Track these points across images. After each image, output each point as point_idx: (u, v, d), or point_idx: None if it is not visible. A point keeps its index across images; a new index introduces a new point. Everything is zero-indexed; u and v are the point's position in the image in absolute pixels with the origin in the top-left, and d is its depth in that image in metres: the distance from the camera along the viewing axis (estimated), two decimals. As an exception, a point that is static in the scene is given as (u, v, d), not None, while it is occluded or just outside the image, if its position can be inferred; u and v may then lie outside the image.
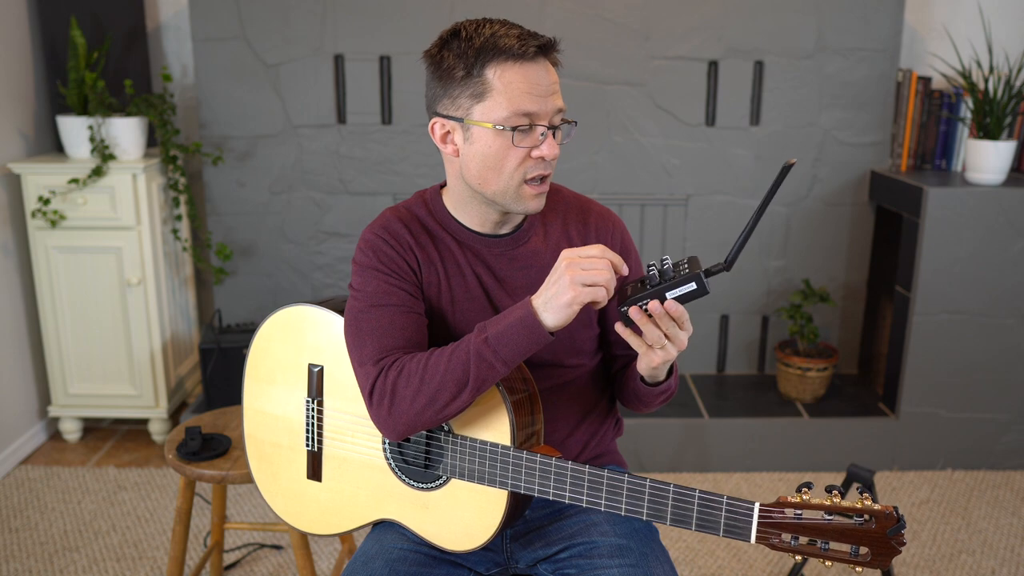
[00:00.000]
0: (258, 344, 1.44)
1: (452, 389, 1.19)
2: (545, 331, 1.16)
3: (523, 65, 1.22)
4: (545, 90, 1.23)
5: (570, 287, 1.13)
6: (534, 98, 1.22)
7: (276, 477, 1.46)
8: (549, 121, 1.24)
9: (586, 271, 1.14)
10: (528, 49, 1.21)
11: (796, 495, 1.11)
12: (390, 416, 1.23)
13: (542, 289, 1.18)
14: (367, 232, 1.34)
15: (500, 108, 1.22)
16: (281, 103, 2.95)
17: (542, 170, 1.26)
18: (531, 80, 1.22)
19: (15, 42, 2.90)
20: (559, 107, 1.25)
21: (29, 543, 2.43)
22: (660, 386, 1.33)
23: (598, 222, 1.41)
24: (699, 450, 2.86)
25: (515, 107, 1.21)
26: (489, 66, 1.22)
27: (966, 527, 2.56)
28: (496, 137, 1.23)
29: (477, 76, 1.22)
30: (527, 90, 1.21)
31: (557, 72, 1.28)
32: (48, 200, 2.77)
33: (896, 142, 2.99)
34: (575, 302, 1.14)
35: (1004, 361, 2.80)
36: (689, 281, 1.13)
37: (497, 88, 1.22)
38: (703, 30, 2.89)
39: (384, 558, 1.32)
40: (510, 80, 1.21)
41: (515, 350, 1.17)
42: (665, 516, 1.17)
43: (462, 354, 1.19)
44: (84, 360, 2.94)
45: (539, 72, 1.23)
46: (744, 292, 3.12)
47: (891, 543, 1.07)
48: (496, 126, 1.22)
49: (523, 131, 1.23)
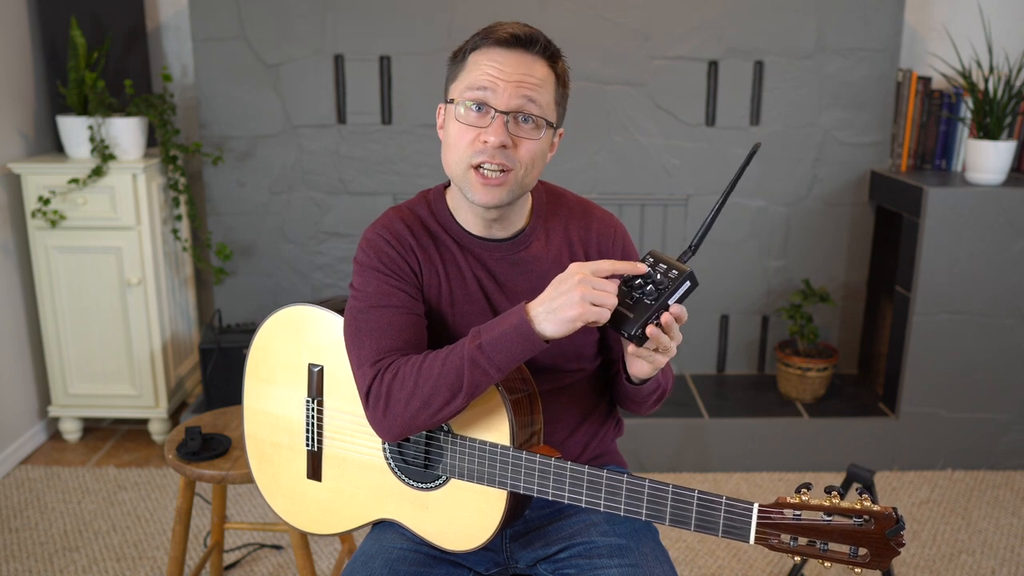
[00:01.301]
0: (258, 344, 1.44)
1: (446, 394, 1.19)
2: (540, 339, 1.16)
3: (497, 49, 1.23)
4: (509, 74, 1.22)
5: (579, 304, 1.12)
6: (492, 77, 1.22)
7: (276, 477, 1.46)
8: (507, 107, 1.22)
9: (597, 291, 1.13)
10: (505, 35, 1.23)
11: (795, 496, 1.11)
12: (385, 418, 1.23)
13: (544, 297, 1.16)
14: (369, 232, 1.33)
15: (461, 84, 1.25)
16: (281, 103, 2.95)
17: (487, 156, 1.23)
18: (497, 60, 1.23)
19: (15, 42, 2.90)
20: (526, 98, 1.23)
21: (29, 543, 2.43)
22: (647, 385, 1.33)
23: (600, 227, 1.40)
24: (699, 450, 2.86)
25: (471, 80, 1.23)
26: (475, 50, 1.25)
27: (966, 527, 2.56)
28: (451, 112, 1.26)
29: (463, 59, 1.27)
30: (489, 67, 1.23)
31: (562, 84, 1.28)
32: (48, 200, 2.77)
33: (896, 142, 2.99)
34: (580, 319, 1.13)
35: (1004, 361, 2.80)
36: (684, 280, 1.14)
37: (469, 65, 1.25)
38: (703, 30, 2.88)
39: (384, 558, 1.32)
40: (479, 59, 1.24)
41: (509, 357, 1.17)
42: (664, 516, 1.17)
43: (456, 359, 1.19)
44: (84, 360, 2.94)
45: (511, 58, 1.23)
46: (744, 292, 3.12)
47: (890, 544, 1.07)
48: (449, 100, 1.26)
49: (474, 108, 1.23)
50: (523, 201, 1.35)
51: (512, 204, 1.30)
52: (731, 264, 3.09)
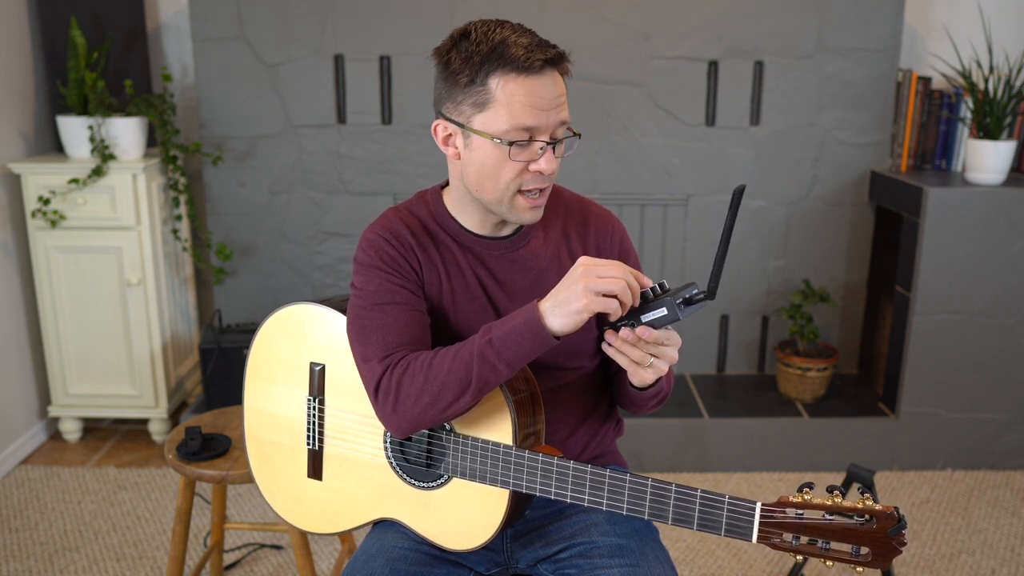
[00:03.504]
0: (260, 343, 1.44)
1: (455, 389, 1.19)
2: (549, 335, 1.15)
3: (528, 78, 1.19)
4: (548, 104, 1.20)
5: (583, 294, 1.12)
6: (536, 112, 1.19)
7: (276, 476, 1.46)
8: (551, 135, 1.22)
9: (601, 279, 1.12)
10: (534, 62, 1.18)
11: (797, 495, 1.11)
12: (395, 413, 1.23)
13: (553, 292, 1.17)
14: (368, 232, 1.33)
15: (500, 120, 1.20)
16: (281, 103, 2.95)
17: (539, 184, 1.24)
18: (534, 94, 1.19)
19: (15, 42, 2.90)
20: (563, 119, 1.23)
21: (29, 543, 2.43)
22: (650, 390, 1.33)
23: (598, 224, 1.40)
24: (699, 450, 2.86)
25: (515, 121, 1.19)
26: (493, 75, 1.19)
27: (966, 527, 2.56)
28: (494, 149, 1.21)
29: (480, 85, 1.20)
30: (529, 103, 1.19)
31: (566, 81, 1.26)
32: (48, 200, 2.77)
33: (896, 142, 2.99)
34: (586, 310, 1.12)
35: (1004, 361, 2.80)
36: (660, 307, 1.13)
37: (499, 99, 1.19)
38: (703, 30, 2.89)
39: (385, 557, 1.32)
40: (512, 92, 1.19)
41: (519, 353, 1.17)
42: (667, 515, 1.17)
43: (466, 355, 1.19)
44: (84, 360, 2.94)
45: (544, 85, 1.20)
46: (744, 292, 3.12)
47: (892, 543, 1.07)
48: (495, 139, 1.21)
49: (521, 145, 1.21)
50: None
51: None
52: (731, 264, 3.09)
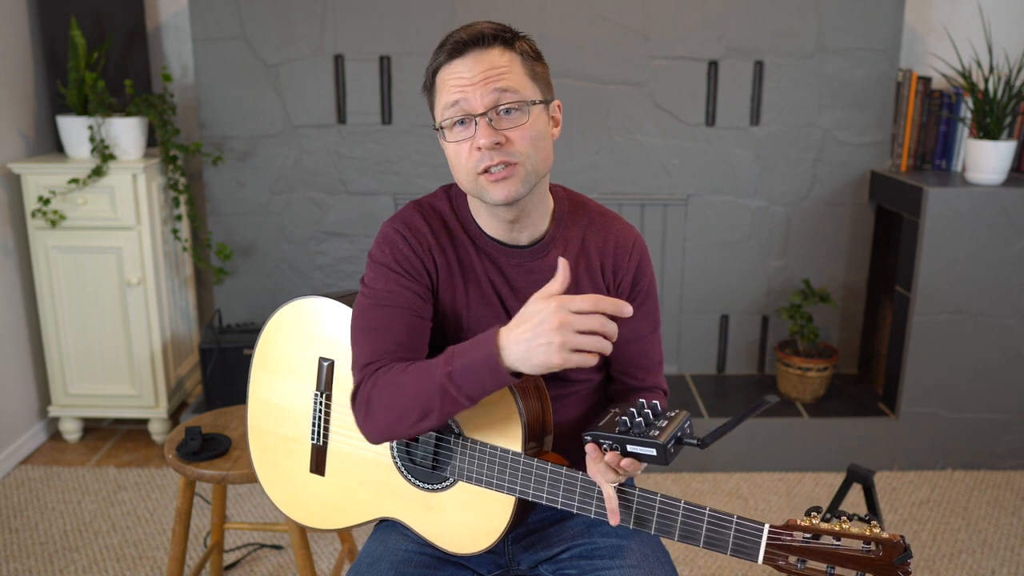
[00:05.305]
0: (268, 334, 1.44)
1: (419, 412, 1.18)
2: (507, 376, 1.10)
3: (453, 61, 1.23)
4: (473, 77, 1.21)
5: (558, 352, 1.04)
6: (459, 88, 1.21)
7: (278, 468, 1.45)
8: (484, 107, 1.20)
9: (580, 336, 1.04)
10: (459, 45, 1.22)
11: (805, 519, 1.11)
12: (366, 423, 1.25)
13: (519, 332, 1.08)
14: (387, 226, 1.32)
15: (438, 106, 1.25)
16: (281, 103, 2.95)
17: (486, 161, 1.21)
18: (456, 72, 1.22)
19: (15, 42, 2.90)
20: (498, 88, 1.20)
21: (29, 543, 2.43)
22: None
23: (617, 239, 1.36)
24: (699, 450, 2.85)
25: (444, 101, 1.23)
26: (438, 72, 1.25)
27: (966, 527, 2.56)
28: (443, 138, 1.26)
29: (431, 84, 1.27)
30: (452, 83, 1.22)
31: (531, 58, 1.25)
32: (48, 200, 2.76)
33: (896, 142, 2.99)
34: (560, 367, 1.05)
35: (1004, 361, 2.80)
36: (651, 447, 1.10)
37: (438, 87, 1.25)
38: (703, 30, 2.89)
39: (390, 560, 1.32)
40: (443, 78, 1.24)
41: (478, 389, 1.13)
42: (674, 532, 1.17)
43: (428, 383, 1.16)
44: (84, 360, 2.94)
45: (467, 63, 1.21)
46: (744, 292, 3.12)
47: (897, 572, 1.07)
48: (436, 127, 1.26)
49: (458, 124, 1.22)
50: (543, 201, 1.33)
51: (531, 197, 1.28)
52: (731, 264, 3.09)
